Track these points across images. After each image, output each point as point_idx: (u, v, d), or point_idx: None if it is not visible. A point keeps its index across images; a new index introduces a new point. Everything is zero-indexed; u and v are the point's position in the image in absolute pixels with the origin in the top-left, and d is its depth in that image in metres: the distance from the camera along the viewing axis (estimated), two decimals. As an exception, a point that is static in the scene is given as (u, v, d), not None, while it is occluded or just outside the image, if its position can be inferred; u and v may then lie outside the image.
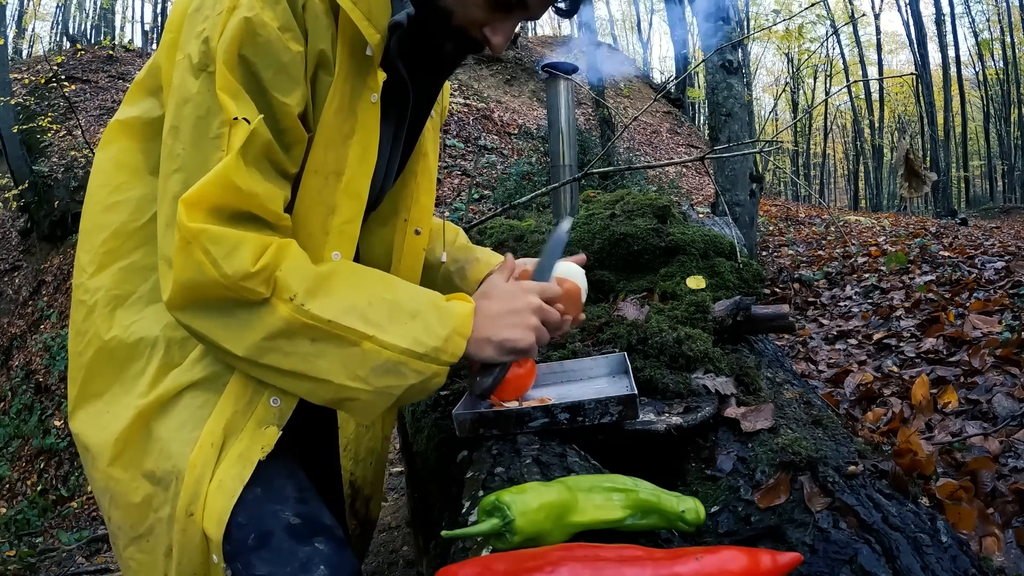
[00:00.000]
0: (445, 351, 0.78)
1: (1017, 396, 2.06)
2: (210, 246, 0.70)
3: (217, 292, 0.71)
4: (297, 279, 0.74)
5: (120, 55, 12.08)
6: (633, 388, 0.95)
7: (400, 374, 0.76)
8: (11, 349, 7.89)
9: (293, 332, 0.73)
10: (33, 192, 8.35)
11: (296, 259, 0.76)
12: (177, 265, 0.71)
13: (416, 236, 1.03)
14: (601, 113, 9.05)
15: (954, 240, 6.28)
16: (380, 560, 2.24)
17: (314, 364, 0.74)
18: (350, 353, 0.75)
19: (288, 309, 0.73)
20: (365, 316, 0.75)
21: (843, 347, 3.17)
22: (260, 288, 0.72)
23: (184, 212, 0.69)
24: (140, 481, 0.78)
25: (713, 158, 3.56)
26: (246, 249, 0.71)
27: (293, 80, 0.75)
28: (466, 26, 0.83)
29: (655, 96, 5.74)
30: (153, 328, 0.82)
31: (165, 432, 0.78)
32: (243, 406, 0.79)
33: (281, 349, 0.74)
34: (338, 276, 0.78)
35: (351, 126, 0.81)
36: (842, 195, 33.13)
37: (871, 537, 0.71)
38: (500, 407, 0.94)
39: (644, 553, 0.59)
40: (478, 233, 2.02)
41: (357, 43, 0.78)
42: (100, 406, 0.82)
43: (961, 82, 22.46)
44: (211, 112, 0.73)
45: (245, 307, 0.73)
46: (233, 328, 0.73)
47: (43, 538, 4.69)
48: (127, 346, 0.82)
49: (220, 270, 0.70)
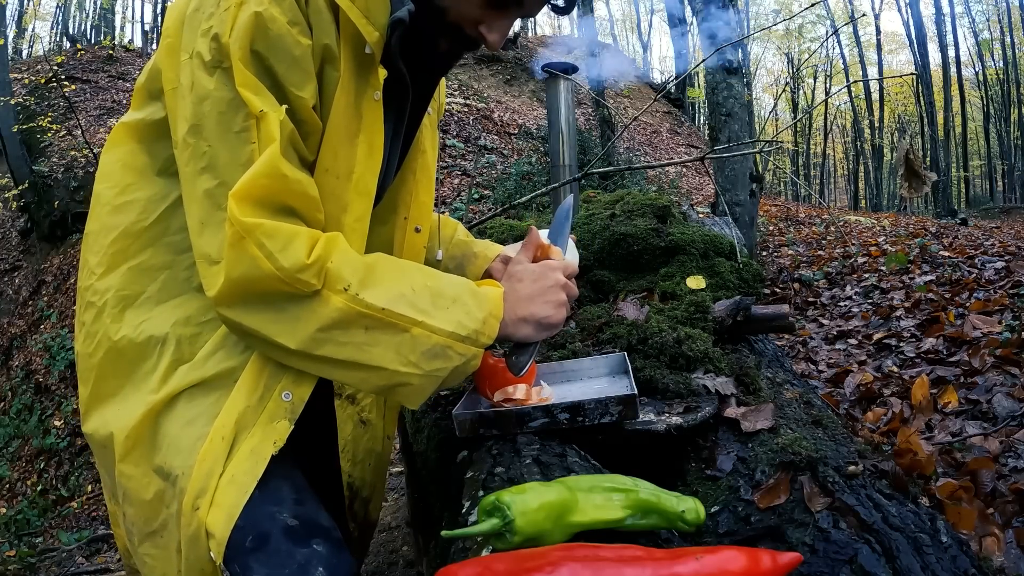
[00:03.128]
0: (484, 333, 0.81)
1: (1017, 396, 2.06)
2: (265, 240, 0.70)
3: (272, 286, 0.72)
4: (349, 270, 0.75)
5: (120, 55, 12.09)
6: (633, 388, 0.95)
7: (447, 357, 0.79)
8: (11, 349, 7.90)
9: (348, 322, 0.75)
10: (33, 192, 8.36)
11: (345, 251, 0.77)
12: (229, 260, 0.71)
13: (416, 234, 1.04)
14: (601, 113, 9.05)
15: (954, 240, 6.28)
16: (380, 560, 2.24)
17: (368, 352, 0.76)
18: (402, 339, 0.77)
19: (342, 299, 0.74)
20: (413, 303, 0.77)
21: (843, 347, 3.17)
22: (313, 280, 0.73)
23: (236, 207, 0.69)
24: (151, 477, 0.79)
25: (713, 158, 3.56)
26: (300, 242, 0.72)
27: (305, 73, 0.76)
28: (461, 23, 0.83)
29: (655, 96, 5.75)
30: (163, 326, 0.82)
31: (175, 428, 0.78)
32: (255, 401, 0.79)
33: (336, 339, 0.75)
34: (382, 266, 0.80)
35: (357, 124, 0.82)
36: (842, 195, 33.14)
37: (871, 537, 0.71)
38: (500, 407, 0.94)
39: (644, 553, 0.59)
40: (478, 233, 2.03)
41: (357, 41, 0.79)
42: (113, 406, 0.83)
43: (961, 82, 22.47)
44: (232, 107, 0.73)
45: (297, 300, 0.74)
46: (285, 322, 0.74)
47: (43, 538, 4.70)
48: (137, 345, 0.82)
49: (276, 263, 0.70)
